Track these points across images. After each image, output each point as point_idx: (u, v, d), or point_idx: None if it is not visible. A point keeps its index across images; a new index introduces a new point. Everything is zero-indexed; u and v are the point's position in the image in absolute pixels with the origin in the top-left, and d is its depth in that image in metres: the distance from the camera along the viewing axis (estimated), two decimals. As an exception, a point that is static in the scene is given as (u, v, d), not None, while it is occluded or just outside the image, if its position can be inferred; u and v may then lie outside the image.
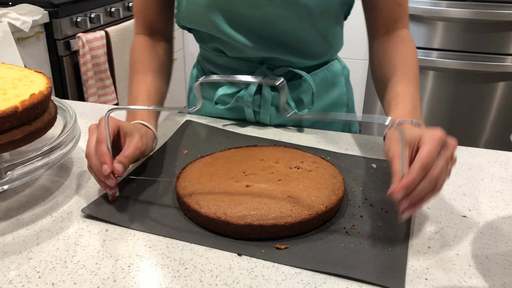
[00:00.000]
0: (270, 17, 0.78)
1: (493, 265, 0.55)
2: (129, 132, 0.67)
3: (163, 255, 0.55)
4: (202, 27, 0.82)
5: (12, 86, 0.67)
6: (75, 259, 0.54)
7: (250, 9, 0.77)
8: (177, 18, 0.85)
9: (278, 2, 0.76)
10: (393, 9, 0.82)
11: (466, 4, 2.09)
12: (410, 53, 0.81)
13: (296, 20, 0.78)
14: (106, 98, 2.11)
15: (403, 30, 0.84)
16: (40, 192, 0.67)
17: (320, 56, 0.88)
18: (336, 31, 0.87)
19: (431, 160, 0.54)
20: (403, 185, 0.53)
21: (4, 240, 0.57)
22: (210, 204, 0.59)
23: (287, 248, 0.56)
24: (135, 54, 0.87)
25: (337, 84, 0.94)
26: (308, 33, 0.81)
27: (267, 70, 0.85)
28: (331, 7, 0.80)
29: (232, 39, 0.81)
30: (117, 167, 0.61)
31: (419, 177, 0.53)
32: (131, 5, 2.29)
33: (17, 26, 1.66)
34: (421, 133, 0.57)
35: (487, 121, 2.29)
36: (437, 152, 0.54)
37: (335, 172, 0.67)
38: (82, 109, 0.95)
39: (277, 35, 0.80)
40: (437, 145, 0.55)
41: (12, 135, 0.61)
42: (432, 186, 0.54)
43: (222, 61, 0.88)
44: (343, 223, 0.61)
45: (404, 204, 0.54)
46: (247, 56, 0.84)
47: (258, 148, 0.75)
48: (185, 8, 0.81)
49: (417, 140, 0.57)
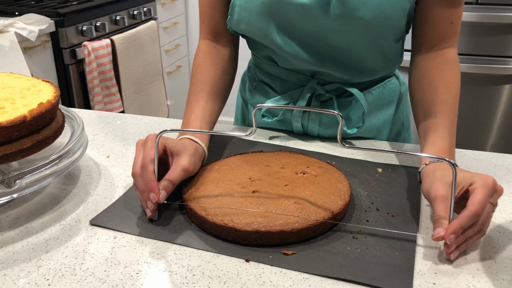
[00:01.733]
0: (323, 30, 0.75)
1: (501, 269, 0.54)
2: (176, 152, 0.65)
3: (171, 261, 0.55)
4: (254, 35, 0.80)
5: (20, 95, 0.68)
6: (84, 267, 0.54)
7: (303, 20, 0.74)
8: (229, 24, 0.82)
9: (333, 15, 0.72)
10: (444, 27, 0.77)
11: (471, 8, 2.09)
12: (454, 78, 0.76)
13: (351, 35, 0.74)
14: (112, 106, 2.12)
15: (451, 49, 0.78)
16: (48, 200, 0.67)
17: (374, 74, 0.83)
18: (396, 47, 0.82)
19: (482, 208, 0.55)
20: (453, 231, 0.54)
21: (14, 248, 0.58)
22: (217, 210, 0.60)
23: (294, 254, 0.56)
24: (198, 62, 0.85)
25: (393, 102, 0.89)
26: (364, 49, 0.77)
27: (317, 85, 0.82)
28: (391, 21, 0.74)
29: (283, 49, 0.78)
30: (161, 198, 0.60)
31: (469, 223, 0.54)
32: (135, 13, 2.30)
33: (23, 35, 1.68)
34: (472, 177, 0.58)
35: (493, 124, 2.28)
36: (488, 199, 0.56)
37: (341, 177, 0.68)
38: (89, 117, 0.96)
39: (330, 49, 0.77)
40: (490, 193, 0.56)
41: (21, 144, 0.61)
42: (478, 230, 0.56)
43: (273, 71, 0.86)
44: (350, 228, 0.61)
45: (453, 246, 0.55)
46: (298, 68, 0.82)
47: (264, 153, 0.75)
48: (238, 14, 0.79)
49: (467, 183, 0.58)
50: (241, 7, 0.78)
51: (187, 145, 0.67)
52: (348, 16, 0.72)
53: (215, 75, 0.83)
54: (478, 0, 2.08)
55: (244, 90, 0.97)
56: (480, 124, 2.29)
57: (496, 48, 2.13)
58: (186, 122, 0.78)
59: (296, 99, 0.85)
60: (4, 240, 0.59)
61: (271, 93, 0.89)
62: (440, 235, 0.54)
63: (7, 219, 0.63)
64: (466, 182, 0.58)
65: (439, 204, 0.57)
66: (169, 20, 2.71)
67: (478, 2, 2.08)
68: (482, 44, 2.15)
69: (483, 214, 0.55)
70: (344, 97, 0.85)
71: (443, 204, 0.57)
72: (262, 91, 0.90)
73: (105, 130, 0.90)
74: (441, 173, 0.61)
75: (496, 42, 2.12)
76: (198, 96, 0.81)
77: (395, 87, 0.90)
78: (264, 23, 0.77)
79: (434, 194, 0.59)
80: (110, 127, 0.91)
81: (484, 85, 2.21)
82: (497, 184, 0.57)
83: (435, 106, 0.74)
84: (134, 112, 2.28)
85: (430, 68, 0.78)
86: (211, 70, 0.83)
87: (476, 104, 2.25)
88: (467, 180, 0.58)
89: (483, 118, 2.28)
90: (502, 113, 2.25)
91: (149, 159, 0.61)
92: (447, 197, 0.57)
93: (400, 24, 0.77)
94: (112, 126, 0.92)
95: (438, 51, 0.78)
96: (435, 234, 0.55)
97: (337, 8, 0.72)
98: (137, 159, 0.63)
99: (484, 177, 0.57)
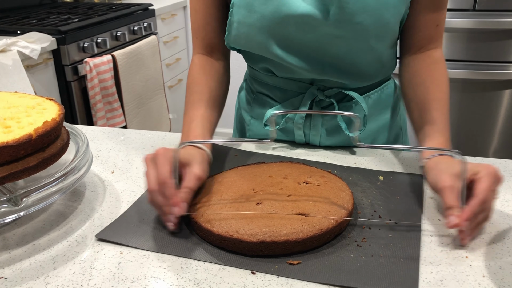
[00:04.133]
0: (323, 38, 0.77)
1: (507, 275, 0.54)
2: (186, 162, 0.66)
3: (177, 275, 0.55)
4: (253, 49, 0.82)
5: (25, 114, 0.69)
6: (91, 283, 0.55)
7: (303, 31, 0.76)
8: (227, 40, 0.83)
9: (333, 22, 0.74)
10: (430, 30, 0.82)
11: (468, 14, 2.11)
12: (443, 76, 0.81)
13: (350, 40, 0.77)
14: (114, 121, 2.13)
15: (437, 50, 0.83)
16: (54, 217, 0.68)
17: (372, 78, 0.86)
18: (391, 52, 0.85)
19: (489, 195, 0.59)
20: (467, 217, 0.58)
21: (22, 266, 0.58)
22: (221, 223, 0.60)
23: (300, 264, 0.56)
24: (193, 74, 0.86)
25: (391, 105, 0.92)
26: (363, 55, 0.80)
27: (317, 91, 0.84)
28: (388, 27, 0.77)
29: (283, 60, 0.80)
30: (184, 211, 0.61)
31: (479, 210, 0.59)
32: (136, 29, 2.32)
33: (26, 54, 1.70)
34: (475, 167, 0.62)
35: (495, 129, 2.28)
36: (493, 186, 0.60)
37: (343, 186, 0.68)
38: (93, 133, 0.97)
39: (330, 56, 0.79)
40: (494, 180, 0.60)
41: (27, 162, 0.62)
42: (485, 216, 0.60)
43: (272, 81, 0.88)
44: (354, 236, 0.61)
45: (467, 233, 0.59)
46: (298, 77, 0.84)
47: (266, 165, 0.75)
48: (236, 30, 0.80)
49: (471, 173, 0.61)
50: (239, 23, 0.79)
51: (194, 154, 0.68)
52: (348, 22, 0.74)
53: (211, 86, 0.85)
54: (475, 7, 2.09)
55: (243, 103, 0.98)
56: (481, 130, 2.30)
57: (495, 54, 2.15)
58: (187, 130, 0.78)
59: (297, 106, 0.86)
60: (12, 258, 0.59)
61: (271, 103, 0.90)
62: (454, 222, 0.58)
63: (14, 237, 0.63)
64: (471, 172, 0.61)
65: (448, 194, 0.60)
66: (169, 34, 2.73)
67: (475, 9, 2.10)
68: (480, 50, 2.16)
69: (489, 201, 0.59)
70: (345, 101, 0.86)
71: (451, 194, 0.60)
72: (262, 101, 0.91)
73: (109, 145, 0.91)
74: (445, 165, 0.65)
75: (495, 48, 2.13)
76: (196, 105, 0.81)
77: (392, 91, 0.92)
78: (264, 37, 0.78)
79: (442, 185, 0.62)
80: (114, 142, 0.92)
81: (484, 91, 2.22)
82: (499, 173, 0.61)
83: (429, 104, 0.79)
84: (136, 126, 2.29)
85: (420, 69, 0.83)
86: (207, 81, 0.85)
87: (477, 110, 2.26)
88: (471, 170, 0.62)
89: (485, 124, 2.28)
90: (504, 118, 2.25)
91: (167, 175, 0.62)
92: (455, 187, 0.61)
93: (396, 29, 0.80)
94: (116, 142, 0.92)
95: (425, 52, 0.83)
96: (449, 222, 0.58)
97: (337, 15, 0.74)
98: (151, 175, 0.63)
99: (487, 166, 0.61)
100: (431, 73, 0.81)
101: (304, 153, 0.86)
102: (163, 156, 0.64)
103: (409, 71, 0.84)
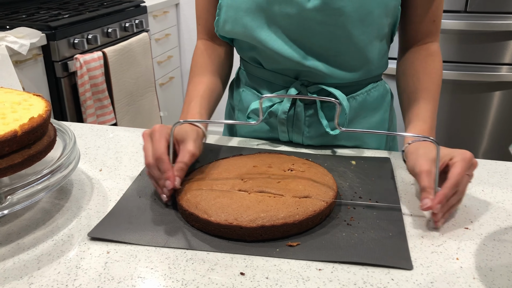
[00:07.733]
0: (305, 23, 0.78)
1: (497, 277, 0.54)
2: (181, 139, 0.71)
3: (165, 276, 0.55)
4: (238, 34, 0.84)
5: (11, 110, 0.67)
6: (76, 283, 0.54)
7: (287, 15, 0.77)
8: (217, 27, 0.86)
9: (313, 5, 0.75)
10: (427, 25, 0.84)
11: (460, 16, 2.11)
12: (436, 68, 0.84)
13: (332, 27, 0.77)
14: (104, 118, 2.11)
15: (433, 43, 0.86)
16: (40, 215, 0.67)
17: (355, 72, 0.84)
18: (377, 47, 0.83)
19: (462, 179, 0.62)
20: (439, 201, 0.60)
21: (5, 265, 0.57)
22: (218, 212, 0.61)
23: (299, 245, 0.59)
24: (195, 58, 0.92)
25: (379, 110, 0.91)
26: (346, 45, 0.79)
27: (301, 87, 0.85)
28: (370, 16, 0.77)
29: (267, 46, 0.81)
30: (177, 184, 0.66)
31: (451, 193, 0.62)
32: (127, 26, 2.30)
33: (15, 49, 1.67)
34: (451, 152, 0.65)
35: (485, 131, 2.29)
36: (466, 172, 0.63)
37: (324, 171, 0.73)
38: (81, 130, 0.96)
39: (313, 44, 0.80)
40: (468, 165, 0.63)
41: (12, 159, 0.61)
42: (458, 199, 0.64)
43: (259, 74, 0.89)
44: (342, 216, 0.65)
45: (439, 215, 0.62)
46: (282, 67, 0.84)
47: (245, 156, 0.77)
48: (224, 14, 0.83)
49: (447, 158, 0.65)
50: (228, 6, 0.82)
51: (188, 131, 0.72)
52: (328, 6, 0.75)
53: (213, 67, 0.90)
54: (467, 9, 2.10)
55: (232, 97, 1.00)
56: (471, 131, 2.31)
57: (485, 56, 2.15)
58: (186, 109, 0.83)
59: (281, 100, 0.87)
60: (-5, 257, 0.58)
61: (258, 96, 0.91)
62: (428, 205, 0.61)
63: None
64: (447, 158, 0.65)
65: (424, 178, 0.63)
66: (161, 31, 2.71)
67: (467, 11, 2.10)
68: (472, 52, 2.17)
69: (462, 184, 0.63)
70: None
71: (427, 177, 0.63)
72: (249, 94, 0.92)
73: (97, 143, 0.89)
74: (423, 150, 0.68)
75: (486, 49, 2.14)
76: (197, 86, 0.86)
77: (380, 94, 0.91)
78: (249, 20, 0.80)
79: (419, 169, 0.65)
80: (103, 140, 0.91)
81: (474, 92, 2.23)
82: (474, 158, 0.65)
83: (418, 93, 0.82)
84: (127, 124, 2.27)
85: (415, 60, 0.85)
86: (208, 62, 0.90)
87: (467, 112, 2.27)
88: (448, 155, 0.65)
89: (474, 125, 2.29)
90: (493, 120, 2.26)
91: (162, 150, 0.66)
92: (431, 171, 0.64)
93: (382, 22, 0.80)
94: (105, 139, 0.91)
95: (422, 45, 0.86)
96: (423, 205, 0.61)
97: None
98: (147, 150, 0.68)
99: (462, 152, 0.65)
100: (425, 64, 0.84)
101: (288, 149, 0.87)
102: (159, 132, 0.68)
103: (405, 62, 0.87)
